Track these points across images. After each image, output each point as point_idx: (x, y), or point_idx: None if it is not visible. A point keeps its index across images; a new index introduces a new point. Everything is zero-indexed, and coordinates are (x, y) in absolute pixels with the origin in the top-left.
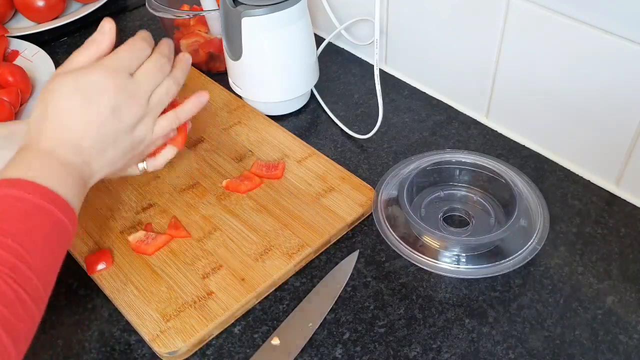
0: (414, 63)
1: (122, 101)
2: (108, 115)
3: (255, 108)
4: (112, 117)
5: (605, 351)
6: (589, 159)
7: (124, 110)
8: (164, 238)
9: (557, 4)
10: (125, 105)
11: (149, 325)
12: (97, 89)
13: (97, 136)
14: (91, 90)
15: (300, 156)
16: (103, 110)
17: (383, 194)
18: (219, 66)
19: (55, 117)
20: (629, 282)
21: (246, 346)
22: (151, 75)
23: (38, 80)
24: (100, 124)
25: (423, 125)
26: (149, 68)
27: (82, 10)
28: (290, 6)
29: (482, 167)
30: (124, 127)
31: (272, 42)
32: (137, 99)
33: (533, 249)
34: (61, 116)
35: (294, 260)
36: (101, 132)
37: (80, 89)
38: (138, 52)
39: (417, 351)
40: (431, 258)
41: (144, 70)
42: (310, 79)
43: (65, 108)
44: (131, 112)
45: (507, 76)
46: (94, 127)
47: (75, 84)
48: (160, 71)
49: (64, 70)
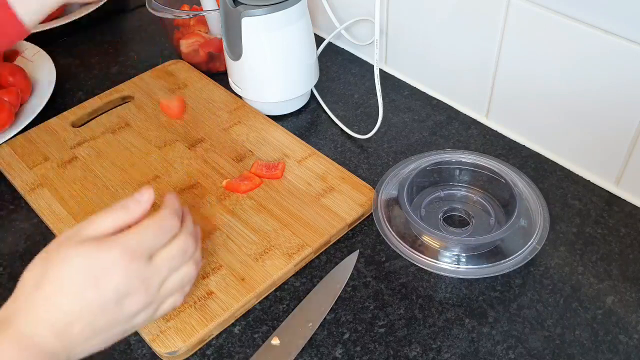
0: (414, 63)
1: (132, 290)
2: (111, 303)
3: (255, 108)
4: (115, 305)
5: (605, 351)
6: (589, 159)
7: (130, 299)
8: None
9: (557, 4)
10: (134, 295)
11: (149, 325)
12: (108, 270)
13: (91, 323)
14: (101, 271)
15: (300, 156)
16: (108, 296)
17: (383, 194)
18: (219, 66)
19: (50, 291)
20: (629, 282)
21: (246, 346)
22: (172, 262)
23: (38, 80)
24: (98, 312)
25: (423, 125)
26: (172, 253)
27: (82, 10)
28: (290, 6)
29: (482, 167)
30: (124, 317)
31: (272, 42)
32: (148, 288)
33: (533, 249)
34: (57, 293)
35: (294, 260)
36: (97, 319)
37: (89, 267)
38: (165, 233)
39: (417, 351)
40: (431, 258)
41: (166, 255)
42: (310, 79)
43: (66, 284)
44: (138, 301)
45: (507, 76)
46: (91, 314)
47: (86, 259)
48: (183, 256)
49: (81, 233)
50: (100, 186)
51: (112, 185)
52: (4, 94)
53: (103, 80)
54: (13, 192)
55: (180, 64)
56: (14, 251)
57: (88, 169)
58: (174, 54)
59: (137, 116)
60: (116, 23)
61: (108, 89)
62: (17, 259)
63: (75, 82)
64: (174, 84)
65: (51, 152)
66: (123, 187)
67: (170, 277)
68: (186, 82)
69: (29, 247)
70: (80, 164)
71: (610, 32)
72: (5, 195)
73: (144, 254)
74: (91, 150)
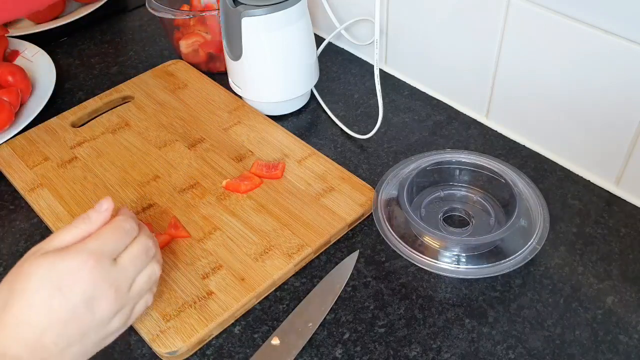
0: (414, 63)
1: (100, 292)
2: (80, 309)
3: (255, 108)
4: (85, 310)
5: (605, 351)
6: (589, 159)
7: (100, 303)
8: (163, 238)
9: (557, 4)
10: (103, 298)
11: (149, 325)
12: (72, 276)
13: (63, 332)
14: (66, 278)
15: (300, 156)
16: (75, 302)
17: (383, 194)
18: (219, 66)
19: (18, 308)
20: (629, 282)
21: (246, 346)
22: (136, 261)
23: (38, 80)
24: (68, 319)
25: (423, 125)
26: (134, 252)
27: (82, 10)
28: (290, 6)
29: (482, 167)
30: (97, 322)
31: (272, 42)
32: (117, 290)
33: (533, 249)
34: (25, 308)
35: (294, 260)
36: (68, 327)
37: (54, 276)
38: (125, 235)
39: (417, 351)
40: (431, 258)
41: (129, 255)
42: (310, 79)
43: (32, 298)
44: (108, 304)
45: (507, 76)
46: (61, 323)
47: (49, 270)
48: (146, 255)
49: (43, 248)
50: (100, 186)
51: (112, 186)
52: (4, 94)
53: (103, 80)
54: (13, 192)
55: (180, 64)
56: (14, 251)
57: (88, 169)
58: (174, 54)
59: (137, 116)
60: (116, 23)
61: (108, 89)
62: (17, 259)
63: (75, 82)
64: (174, 84)
65: (51, 152)
66: (123, 187)
67: (138, 278)
68: (186, 82)
69: (29, 247)
70: (80, 164)
71: (610, 32)
72: (5, 195)
73: (107, 256)
74: (91, 150)
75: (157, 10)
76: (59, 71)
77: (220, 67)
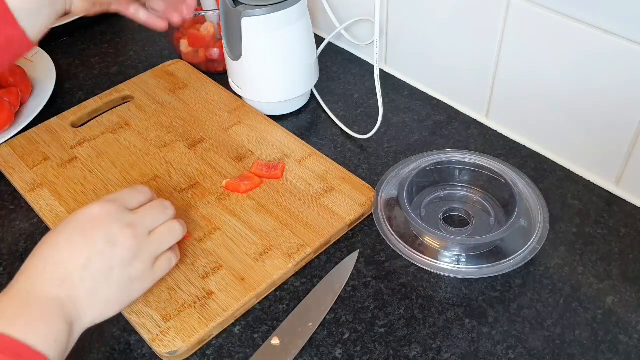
0: (414, 63)
1: (118, 230)
2: (100, 243)
3: (255, 108)
4: (105, 245)
5: (605, 351)
6: (589, 159)
7: (118, 239)
8: None
9: (557, 4)
10: (121, 235)
11: (149, 325)
12: (93, 219)
13: (88, 267)
14: (87, 221)
15: (300, 156)
16: (96, 238)
17: (383, 194)
18: (217, 66)
19: (47, 253)
20: (629, 282)
21: (246, 346)
22: (153, 212)
23: (38, 80)
24: (91, 256)
25: (423, 125)
26: (152, 206)
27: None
28: (290, 6)
29: (482, 167)
30: (118, 258)
31: (272, 42)
32: (135, 230)
33: (533, 249)
34: (53, 250)
35: (294, 260)
36: (92, 264)
37: (76, 222)
38: (139, 193)
39: (417, 351)
40: (431, 258)
41: (147, 207)
42: (310, 79)
43: (58, 240)
44: (127, 240)
45: (507, 76)
46: (84, 258)
47: (72, 219)
48: (164, 210)
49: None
50: (101, 186)
51: (112, 186)
52: (4, 94)
53: (103, 80)
54: (13, 192)
55: (180, 64)
56: (14, 251)
57: (88, 169)
58: (174, 54)
59: (137, 116)
60: (116, 23)
61: (108, 89)
62: (17, 259)
63: (75, 82)
64: (174, 84)
65: (51, 152)
66: (123, 187)
67: (157, 228)
68: (186, 82)
69: (29, 247)
70: (80, 164)
71: (610, 32)
72: (5, 195)
73: (123, 204)
74: (91, 150)
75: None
76: (59, 71)
77: (219, 67)
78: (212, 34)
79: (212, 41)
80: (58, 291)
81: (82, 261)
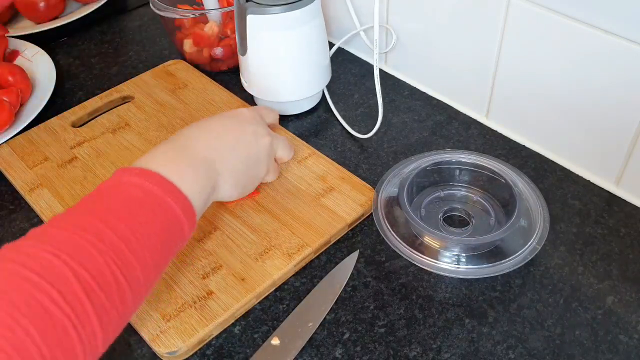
0: (414, 63)
1: (262, 132)
2: (249, 137)
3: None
4: (252, 140)
5: (605, 351)
6: (589, 159)
7: (261, 140)
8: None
9: (557, 4)
10: (264, 136)
11: (149, 325)
12: (245, 117)
13: (235, 150)
14: (241, 116)
15: (300, 156)
16: (247, 131)
17: (383, 194)
18: (221, 65)
19: (203, 126)
20: (629, 282)
21: (246, 346)
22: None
23: (38, 80)
24: (239, 139)
25: (423, 125)
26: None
27: (82, 10)
28: (302, 7)
29: (482, 167)
30: (255, 156)
31: (276, 41)
32: (271, 140)
33: (533, 249)
34: (208, 127)
35: (294, 260)
36: (239, 147)
37: (231, 116)
38: (272, 112)
39: (417, 351)
40: (431, 258)
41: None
42: (318, 81)
43: (212, 124)
44: (266, 144)
45: (507, 76)
46: (233, 139)
47: (227, 115)
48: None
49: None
50: None
51: None
52: (4, 94)
53: (103, 80)
54: (13, 192)
55: (181, 64)
56: None
57: (88, 169)
58: (174, 54)
59: (137, 116)
60: (116, 23)
61: (108, 89)
62: None
63: (75, 82)
64: (174, 84)
65: (51, 152)
66: None
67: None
68: (186, 82)
69: None
70: (80, 164)
71: (610, 32)
72: (5, 195)
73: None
74: (91, 150)
75: (161, 10)
76: (59, 71)
77: (222, 67)
78: (217, 33)
79: (216, 40)
80: (209, 154)
81: (232, 142)
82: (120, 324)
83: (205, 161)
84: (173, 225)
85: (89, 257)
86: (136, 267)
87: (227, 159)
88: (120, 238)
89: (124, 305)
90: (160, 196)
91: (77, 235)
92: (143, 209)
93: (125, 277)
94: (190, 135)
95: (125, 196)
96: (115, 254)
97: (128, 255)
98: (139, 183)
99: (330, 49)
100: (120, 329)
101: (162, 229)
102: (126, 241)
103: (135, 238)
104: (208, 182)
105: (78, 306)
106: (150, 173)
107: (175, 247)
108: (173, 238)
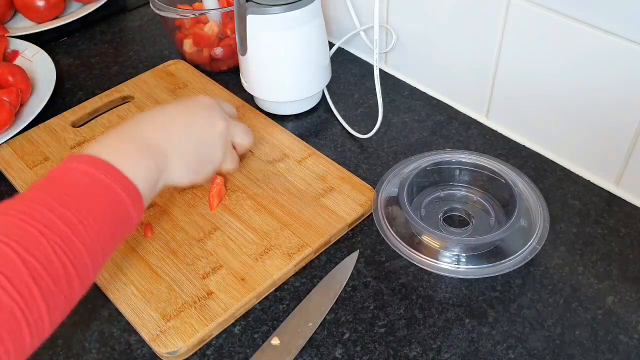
0: (414, 63)
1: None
2: (202, 122)
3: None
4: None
5: (605, 351)
6: (589, 159)
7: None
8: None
9: (557, 4)
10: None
11: (149, 325)
12: (200, 103)
13: (186, 134)
14: (196, 102)
15: (300, 156)
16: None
17: (383, 194)
18: (221, 65)
19: (155, 112)
20: (629, 282)
21: (246, 346)
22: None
23: (38, 80)
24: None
25: (423, 125)
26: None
27: (82, 10)
28: (301, 7)
29: (482, 167)
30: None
31: (275, 41)
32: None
33: (533, 249)
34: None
35: (294, 260)
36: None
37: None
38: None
39: (417, 351)
40: (431, 258)
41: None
42: (318, 81)
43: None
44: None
45: (507, 76)
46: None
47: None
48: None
49: None
50: None
51: None
52: (4, 94)
53: (103, 80)
54: (13, 192)
55: (181, 64)
56: None
57: None
58: (174, 54)
59: None
60: (116, 23)
61: (108, 89)
62: None
63: (75, 82)
64: (174, 84)
65: (51, 152)
66: None
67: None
68: (186, 82)
69: None
70: None
71: (610, 32)
72: (5, 195)
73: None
74: None
75: (161, 10)
76: (59, 71)
77: (222, 67)
78: (216, 33)
79: (216, 40)
80: (157, 138)
81: (183, 125)
82: (67, 307)
83: (152, 145)
84: (120, 210)
85: (36, 243)
86: (83, 252)
87: (177, 142)
88: (67, 225)
89: (71, 290)
90: (107, 182)
91: (24, 222)
92: (89, 195)
93: (72, 263)
94: (139, 121)
95: (73, 183)
96: (62, 240)
97: (75, 241)
98: (85, 170)
99: (330, 49)
100: (67, 312)
101: (109, 214)
102: (73, 228)
103: (82, 225)
104: (155, 166)
105: (25, 291)
106: (96, 160)
107: (124, 232)
108: (120, 223)
